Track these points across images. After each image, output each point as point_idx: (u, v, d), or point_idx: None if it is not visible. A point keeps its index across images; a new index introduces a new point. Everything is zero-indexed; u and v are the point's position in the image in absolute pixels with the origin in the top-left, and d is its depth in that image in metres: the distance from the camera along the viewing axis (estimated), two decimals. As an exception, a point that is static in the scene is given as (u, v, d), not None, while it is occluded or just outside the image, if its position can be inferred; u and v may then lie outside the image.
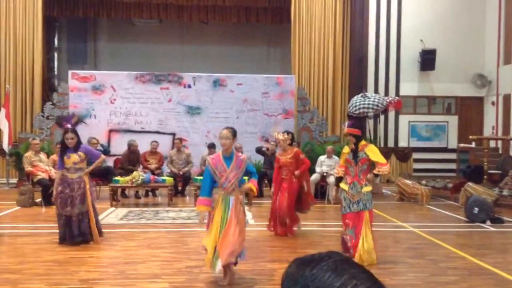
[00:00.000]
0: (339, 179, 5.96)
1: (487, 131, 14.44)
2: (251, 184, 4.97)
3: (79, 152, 6.37)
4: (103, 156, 6.83)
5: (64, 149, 6.37)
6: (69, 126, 6.46)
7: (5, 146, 11.82)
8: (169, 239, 6.80)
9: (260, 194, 10.89)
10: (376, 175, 6.08)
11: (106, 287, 4.72)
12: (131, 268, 5.44)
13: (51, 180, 9.42)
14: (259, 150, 11.25)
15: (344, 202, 5.70)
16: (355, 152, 5.73)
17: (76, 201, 6.23)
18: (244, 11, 15.06)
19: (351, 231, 5.62)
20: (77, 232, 6.25)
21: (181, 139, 11.59)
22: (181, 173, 10.79)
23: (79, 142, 6.44)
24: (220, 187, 4.78)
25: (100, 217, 7.17)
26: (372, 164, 5.76)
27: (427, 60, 14.15)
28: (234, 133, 4.86)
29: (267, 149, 11.17)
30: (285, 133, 7.31)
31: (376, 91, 13.82)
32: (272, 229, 7.13)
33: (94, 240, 6.33)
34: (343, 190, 5.73)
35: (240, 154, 5.00)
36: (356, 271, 0.84)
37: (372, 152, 5.73)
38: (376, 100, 11.38)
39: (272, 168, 11.11)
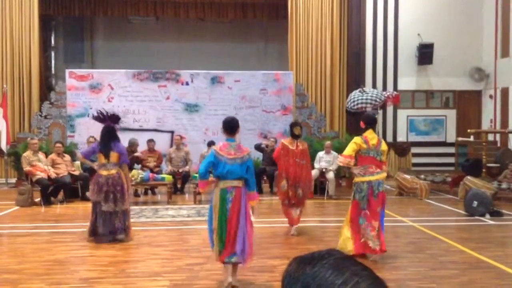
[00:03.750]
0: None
1: (485, 125, 14.46)
2: None
3: None
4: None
5: None
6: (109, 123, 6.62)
7: (3, 146, 11.80)
8: (169, 237, 6.80)
9: (260, 191, 10.90)
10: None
11: (106, 286, 4.72)
12: (131, 267, 5.45)
13: (50, 179, 9.44)
14: (258, 147, 11.25)
15: None
16: None
17: None
18: (241, 7, 15.03)
19: None
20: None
21: (181, 136, 11.58)
22: (180, 170, 10.80)
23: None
24: None
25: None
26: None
27: (425, 54, 14.13)
28: None
29: (266, 146, 11.18)
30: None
31: (374, 86, 13.82)
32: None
33: None
34: None
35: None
36: (357, 269, 0.84)
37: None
38: (374, 95, 11.45)
39: (271, 164, 11.14)
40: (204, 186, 4.83)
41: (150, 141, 11.10)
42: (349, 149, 5.73)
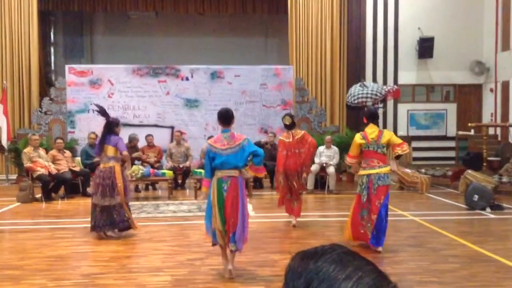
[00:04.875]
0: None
1: (486, 118, 14.44)
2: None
3: None
4: None
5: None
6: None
7: (4, 142, 11.80)
8: (170, 232, 6.81)
9: (260, 186, 10.92)
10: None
11: (108, 281, 4.72)
12: (133, 262, 5.47)
13: (51, 175, 9.44)
14: (258, 145, 11.28)
15: None
16: None
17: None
18: (240, 1, 14.95)
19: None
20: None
21: (181, 132, 11.58)
22: (180, 166, 10.80)
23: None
24: None
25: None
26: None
27: (425, 48, 14.09)
28: None
29: (266, 143, 11.22)
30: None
31: (374, 80, 13.79)
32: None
33: None
34: None
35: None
36: (360, 263, 0.83)
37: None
38: (374, 90, 11.44)
39: (272, 159, 11.14)
40: (208, 184, 4.91)
41: (149, 136, 11.10)
42: (353, 149, 5.91)
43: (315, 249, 0.87)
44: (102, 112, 6.58)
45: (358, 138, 5.82)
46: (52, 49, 15.75)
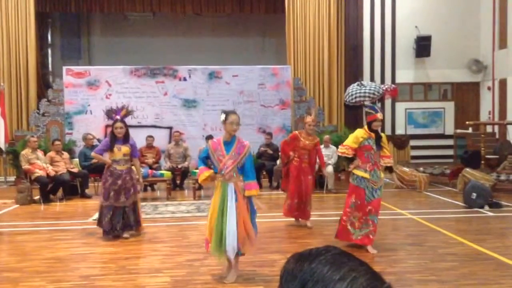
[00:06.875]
0: (351, 160, 5.78)
1: (484, 116, 14.46)
2: (253, 191, 4.67)
3: (128, 144, 6.57)
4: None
5: (113, 140, 6.46)
6: (118, 117, 6.56)
7: (1, 144, 11.78)
8: (169, 233, 6.81)
9: (259, 186, 10.91)
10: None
11: (107, 283, 4.72)
12: (132, 263, 5.46)
13: (49, 177, 9.43)
14: (262, 154, 11.33)
15: (366, 190, 5.67)
16: (378, 139, 5.77)
17: (129, 192, 6.45)
18: (238, 1, 14.95)
19: (374, 216, 5.70)
20: (132, 222, 6.50)
21: (180, 132, 11.58)
22: (179, 166, 10.79)
23: (128, 134, 6.61)
24: (218, 173, 4.69)
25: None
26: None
27: (423, 46, 14.11)
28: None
29: (265, 149, 11.28)
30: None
31: (372, 79, 13.80)
32: (294, 213, 7.13)
33: (139, 229, 6.59)
34: (363, 178, 5.66)
35: (243, 140, 4.87)
36: (354, 264, 0.84)
37: (386, 141, 5.96)
38: (372, 88, 11.36)
39: (270, 159, 11.14)
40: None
41: (149, 137, 11.11)
42: None
43: (310, 251, 0.88)
44: (108, 115, 6.65)
45: None
46: (49, 51, 15.72)
